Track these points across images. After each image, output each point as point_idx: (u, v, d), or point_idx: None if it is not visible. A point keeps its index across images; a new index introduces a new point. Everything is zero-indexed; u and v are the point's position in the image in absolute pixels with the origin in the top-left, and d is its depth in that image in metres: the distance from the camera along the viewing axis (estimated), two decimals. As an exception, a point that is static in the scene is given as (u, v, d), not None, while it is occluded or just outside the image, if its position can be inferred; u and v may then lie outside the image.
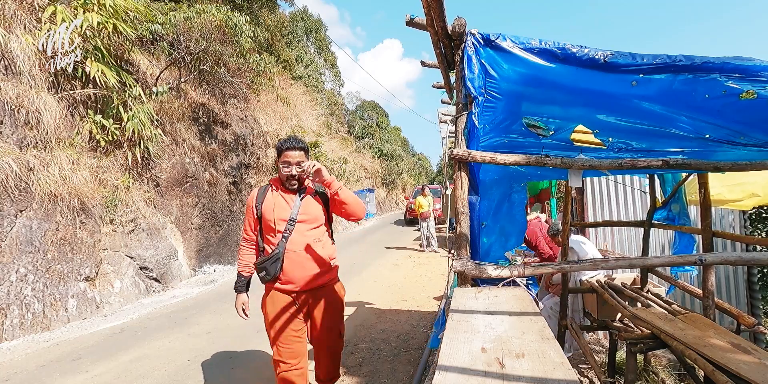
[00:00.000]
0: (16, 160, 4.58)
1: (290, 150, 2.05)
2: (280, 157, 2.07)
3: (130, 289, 5.63)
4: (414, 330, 4.29)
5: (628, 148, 1.82)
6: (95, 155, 5.93)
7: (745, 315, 2.30)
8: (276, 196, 2.10)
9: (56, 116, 5.33)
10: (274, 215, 2.05)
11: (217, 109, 9.44)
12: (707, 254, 1.76)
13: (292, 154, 2.04)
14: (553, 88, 1.69)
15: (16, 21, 5.31)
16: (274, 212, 2.06)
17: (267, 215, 2.07)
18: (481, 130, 1.73)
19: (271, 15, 14.78)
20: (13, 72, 5.06)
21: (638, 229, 4.55)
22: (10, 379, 3.29)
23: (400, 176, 34.45)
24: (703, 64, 1.55)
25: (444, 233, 9.86)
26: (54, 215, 4.90)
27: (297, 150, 2.05)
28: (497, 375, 0.78)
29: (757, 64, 1.53)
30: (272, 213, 2.05)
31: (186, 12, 7.51)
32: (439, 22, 1.63)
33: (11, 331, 4.09)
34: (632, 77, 1.62)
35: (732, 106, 1.60)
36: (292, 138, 2.09)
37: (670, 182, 3.18)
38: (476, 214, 1.78)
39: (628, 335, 2.15)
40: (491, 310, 1.20)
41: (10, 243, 4.36)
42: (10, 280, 4.24)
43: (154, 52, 7.92)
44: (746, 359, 1.59)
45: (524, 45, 1.63)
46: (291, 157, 2.04)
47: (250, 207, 2.14)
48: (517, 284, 1.56)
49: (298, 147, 2.06)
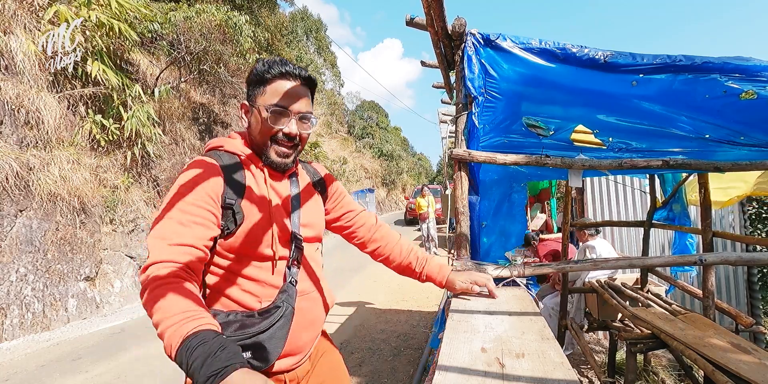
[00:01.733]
0: (16, 160, 4.58)
1: (287, 79, 1.02)
2: (263, 94, 1.02)
3: (130, 289, 5.63)
4: (414, 330, 4.29)
5: (628, 148, 1.82)
6: (95, 155, 5.93)
7: (743, 315, 2.30)
8: (260, 184, 1.05)
9: (56, 116, 5.34)
10: (273, 228, 1.02)
11: (217, 108, 9.44)
12: (707, 254, 1.76)
13: (293, 89, 1.02)
14: (553, 88, 1.69)
15: (16, 20, 5.31)
16: (271, 220, 1.03)
17: (256, 227, 1.00)
18: (481, 130, 1.73)
19: (271, 15, 14.77)
20: (13, 71, 5.06)
21: (638, 229, 4.55)
22: (10, 378, 3.29)
23: (400, 176, 34.45)
24: (703, 64, 1.55)
25: (444, 233, 9.86)
26: (54, 215, 4.90)
27: (299, 82, 1.04)
28: (497, 375, 0.78)
29: (757, 64, 1.53)
30: (268, 222, 1.02)
31: (186, 12, 7.52)
32: (439, 22, 1.63)
33: (11, 330, 4.09)
34: (632, 77, 1.62)
35: (732, 106, 1.60)
36: (286, 61, 1.05)
37: (670, 182, 3.19)
38: (476, 214, 1.78)
39: (628, 335, 2.15)
40: (491, 310, 1.20)
41: (10, 243, 4.36)
42: (10, 279, 4.24)
43: (154, 52, 7.92)
44: (746, 359, 1.58)
45: (524, 45, 1.63)
46: (291, 97, 1.02)
47: (206, 199, 0.94)
48: (517, 284, 1.55)
49: (302, 77, 1.04)
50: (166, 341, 0.72)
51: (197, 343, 0.69)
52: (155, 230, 0.89)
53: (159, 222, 0.91)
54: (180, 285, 0.80)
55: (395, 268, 1.36)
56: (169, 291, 0.78)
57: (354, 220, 1.33)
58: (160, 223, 0.90)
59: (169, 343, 0.71)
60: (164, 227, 0.89)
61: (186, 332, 0.70)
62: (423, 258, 1.34)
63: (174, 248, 0.86)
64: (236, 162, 1.04)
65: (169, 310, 0.75)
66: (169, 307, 0.75)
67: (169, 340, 0.71)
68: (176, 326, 0.72)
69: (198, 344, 0.68)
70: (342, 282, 6.74)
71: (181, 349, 0.69)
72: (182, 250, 0.87)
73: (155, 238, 0.88)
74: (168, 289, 0.78)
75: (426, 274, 1.32)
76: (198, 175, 0.97)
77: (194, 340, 0.69)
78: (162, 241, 0.87)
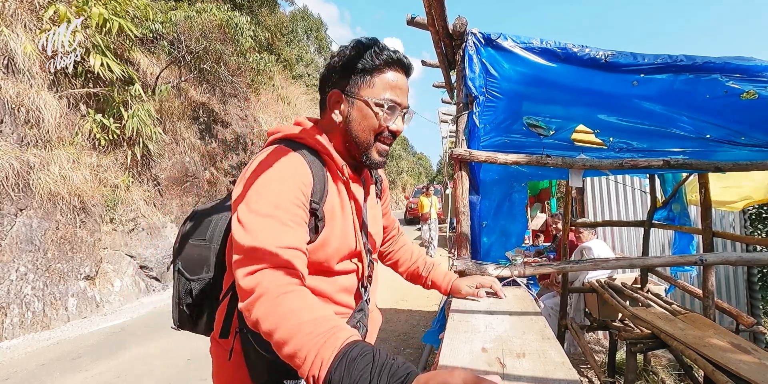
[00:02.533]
0: (16, 159, 4.58)
1: (397, 69, 0.92)
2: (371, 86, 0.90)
3: (130, 288, 5.63)
4: (414, 329, 4.29)
5: (629, 147, 1.82)
6: (95, 154, 5.93)
7: (743, 315, 2.30)
8: (341, 187, 0.94)
9: (56, 115, 5.33)
10: (353, 240, 0.95)
11: (217, 108, 9.43)
12: (708, 254, 1.76)
13: (403, 80, 0.93)
14: (554, 87, 1.69)
15: (17, 19, 5.30)
16: (353, 231, 0.95)
17: (336, 237, 0.90)
18: (481, 129, 1.73)
19: (271, 14, 14.77)
20: (13, 70, 5.06)
21: (638, 229, 4.55)
22: (10, 377, 3.29)
23: (400, 176, 34.46)
24: (705, 64, 1.55)
25: (444, 233, 9.84)
26: (54, 214, 4.90)
27: (404, 72, 0.94)
28: (498, 375, 0.78)
29: (758, 64, 1.53)
30: (349, 233, 0.94)
31: (186, 11, 7.52)
32: (440, 22, 1.63)
33: (11, 329, 4.09)
34: (633, 77, 1.62)
35: (733, 106, 1.60)
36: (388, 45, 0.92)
37: (670, 182, 3.18)
38: (477, 213, 1.78)
39: (628, 335, 2.15)
40: (492, 309, 1.20)
41: (11, 242, 4.36)
42: (10, 278, 4.24)
43: (155, 51, 7.92)
44: (746, 359, 1.58)
45: (525, 44, 1.62)
46: (402, 90, 0.92)
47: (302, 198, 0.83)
48: (518, 284, 1.55)
49: (409, 66, 0.95)
50: (307, 359, 0.61)
51: (358, 353, 0.60)
52: (254, 229, 0.75)
53: (252, 219, 0.76)
54: (307, 294, 0.70)
55: (403, 272, 1.32)
56: (298, 301, 0.67)
57: (390, 228, 1.26)
58: (257, 220, 0.76)
59: (311, 360, 0.60)
60: (266, 226, 0.75)
61: (339, 344, 0.61)
62: (430, 263, 1.32)
63: (286, 251, 0.74)
64: (318, 158, 0.91)
65: (307, 322, 0.64)
66: (304, 319, 0.64)
67: (312, 355, 0.60)
68: (321, 338, 0.61)
69: (360, 355, 0.59)
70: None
71: (340, 362, 0.59)
72: (294, 253, 0.75)
73: (257, 239, 0.73)
74: (296, 299, 0.67)
75: (431, 279, 1.29)
76: (290, 167, 0.83)
77: (354, 350, 0.60)
78: (271, 241, 0.73)
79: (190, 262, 1.05)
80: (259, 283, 0.69)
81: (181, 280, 1.05)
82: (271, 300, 0.66)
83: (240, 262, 0.73)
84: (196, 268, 1.04)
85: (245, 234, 0.75)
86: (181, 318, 1.10)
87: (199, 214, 1.12)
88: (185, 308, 1.06)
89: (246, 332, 0.85)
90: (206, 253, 1.04)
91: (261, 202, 0.78)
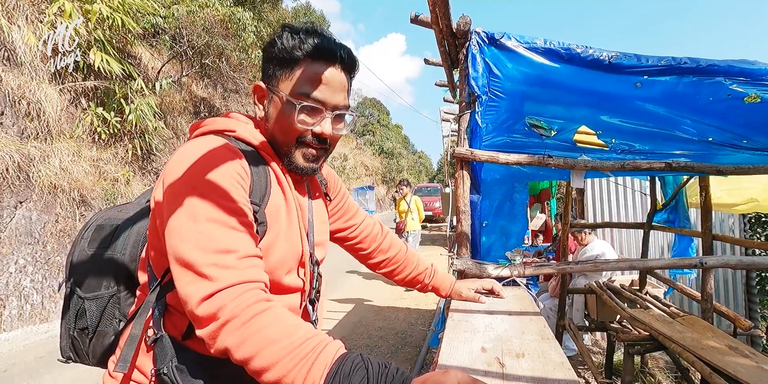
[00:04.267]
0: (16, 151, 4.57)
1: (325, 60, 0.77)
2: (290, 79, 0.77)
3: (129, 282, 5.64)
4: (412, 328, 4.30)
5: (631, 149, 1.82)
6: (96, 147, 5.93)
7: (741, 318, 2.31)
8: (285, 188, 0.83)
9: (57, 108, 5.33)
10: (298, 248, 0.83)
11: (218, 103, 9.42)
12: (708, 257, 1.76)
13: (332, 75, 0.77)
14: (557, 88, 1.69)
15: (19, 12, 5.29)
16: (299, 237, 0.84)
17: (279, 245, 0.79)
18: (483, 129, 1.73)
19: (273, 10, 14.71)
20: (15, 63, 5.05)
21: (638, 231, 4.56)
22: (8, 369, 3.30)
23: (400, 174, 34.46)
24: (708, 67, 1.54)
25: (444, 232, 9.83)
26: (54, 207, 4.90)
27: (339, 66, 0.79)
28: (497, 374, 0.78)
29: (762, 67, 1.52)
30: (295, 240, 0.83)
31: (189, 6, 7.49)
32: (444, 20, 1.62)
33: (10, 322, 4.10)
34: (636, 79, 1.61)
35: (736, 110, 1.60)
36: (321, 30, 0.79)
37: (671, 184, 3.18)
38: (477, 213, 1.77)
39: (626, 337, 2.16)
40: (491, 309, 1.20)
41: (10, 234, 4.36)
42: (9, 271, 4.24)
43: (156, 46, 7.90)
44: (743, 362, 1.59)
45: (529, 44, 1.62)
46: (328, 86, 0.77)
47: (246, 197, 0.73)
48: (517, 284, 1.55)
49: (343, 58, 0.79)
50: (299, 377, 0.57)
51: (350, 368, 0.57)
52: (195, 237, 0.63)
53: (189, 225, 0.64)
54: (279, 311, 0.62)
55: (399, 280, 1.23)
56: (272, 322, 0.60)
57: (360, 229, 1.13)
58: (197, 226, 0.64)
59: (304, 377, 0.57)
60: (215, 234, 0.64)
61: (329, 362, 0.58)
62: (431, 269, 1.25)
63: (242, 262, 0.64)
64: (255, 155, 0.80)
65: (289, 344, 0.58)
66: (285, 342, 0.58)
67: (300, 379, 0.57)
68: (307, 360, 0.57)
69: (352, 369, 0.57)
70: (341, 279, 6.76)
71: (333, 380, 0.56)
72: (251, 262, 0.65)
73: (204, 250, 0.62)
74: (270, 320, 0.60)
75: (433, 285, 1.25)
76: (227, 163, 0.71)
77: (346, 365, 0.57)
78: (224, 255, 0.63)
79: (87, 276, 0.86)
80: (222, 307, 0.59)
81: (73, 300, 0.87)
82: (241, 325, 0.59)
83: (186, 282, 0.62)
84: (92, 284, 0.86)
85: (184, 244, 0.63)
86: (74, 347, 0.90)
87: (100, 221, 0.93)
88: (76, 335, 0.87)
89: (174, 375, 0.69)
90: (109, 265, 0.86)
91: (195, 203, 0.66)
